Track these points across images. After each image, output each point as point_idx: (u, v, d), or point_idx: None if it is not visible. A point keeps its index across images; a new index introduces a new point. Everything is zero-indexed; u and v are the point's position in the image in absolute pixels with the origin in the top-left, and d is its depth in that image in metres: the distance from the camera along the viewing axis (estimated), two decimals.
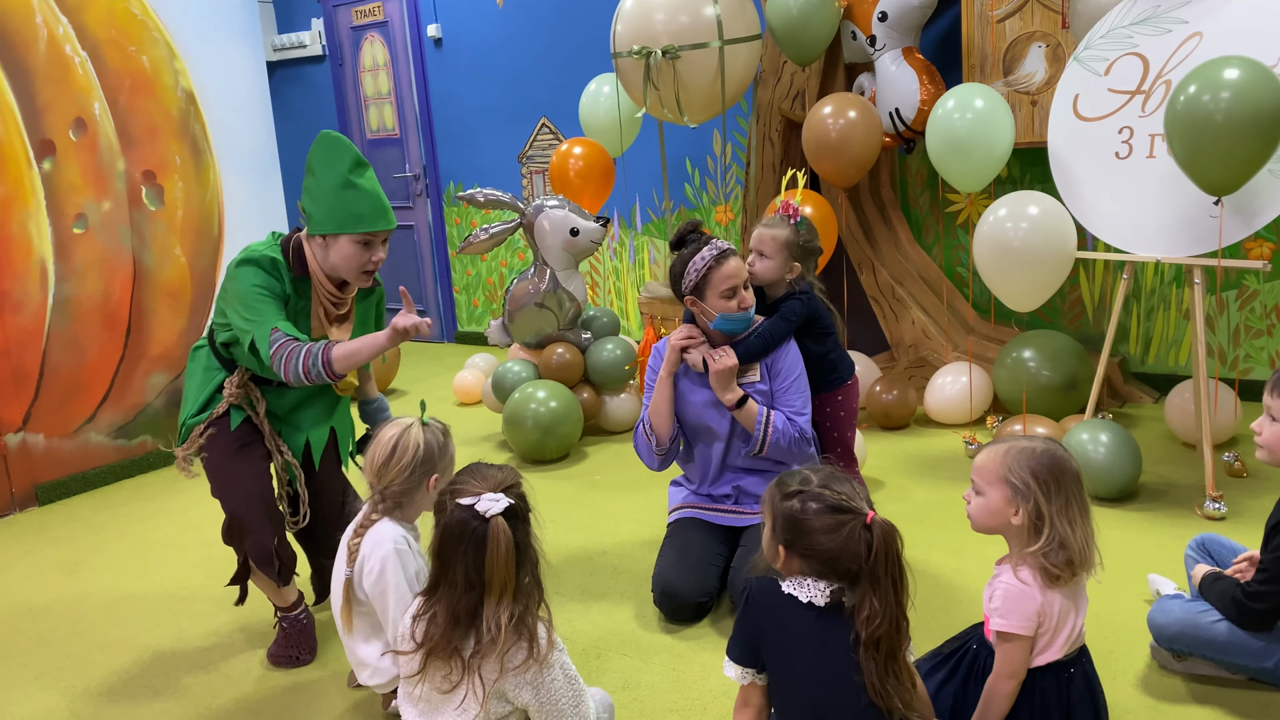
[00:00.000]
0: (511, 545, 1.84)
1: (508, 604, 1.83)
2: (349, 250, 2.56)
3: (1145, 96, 3.41)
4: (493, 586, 1.83)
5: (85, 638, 2.99)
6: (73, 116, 4.22)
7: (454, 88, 6.51)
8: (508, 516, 1.87)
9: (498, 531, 1.83)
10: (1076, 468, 1.87)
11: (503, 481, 1.93)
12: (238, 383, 2.69)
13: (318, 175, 2.55)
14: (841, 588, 1.73)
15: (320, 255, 2.59)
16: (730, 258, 2.68)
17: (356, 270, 2.59)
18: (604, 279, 6.16)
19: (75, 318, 4.26)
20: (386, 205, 2.61)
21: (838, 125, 4.04)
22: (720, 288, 2.67)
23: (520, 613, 1.84)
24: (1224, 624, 2.23)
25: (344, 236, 2.54)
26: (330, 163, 2.54)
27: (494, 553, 1.82)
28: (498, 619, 1.82)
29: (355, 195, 2.54)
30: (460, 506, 1.87)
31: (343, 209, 2.53)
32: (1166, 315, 4.46)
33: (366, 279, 2.64)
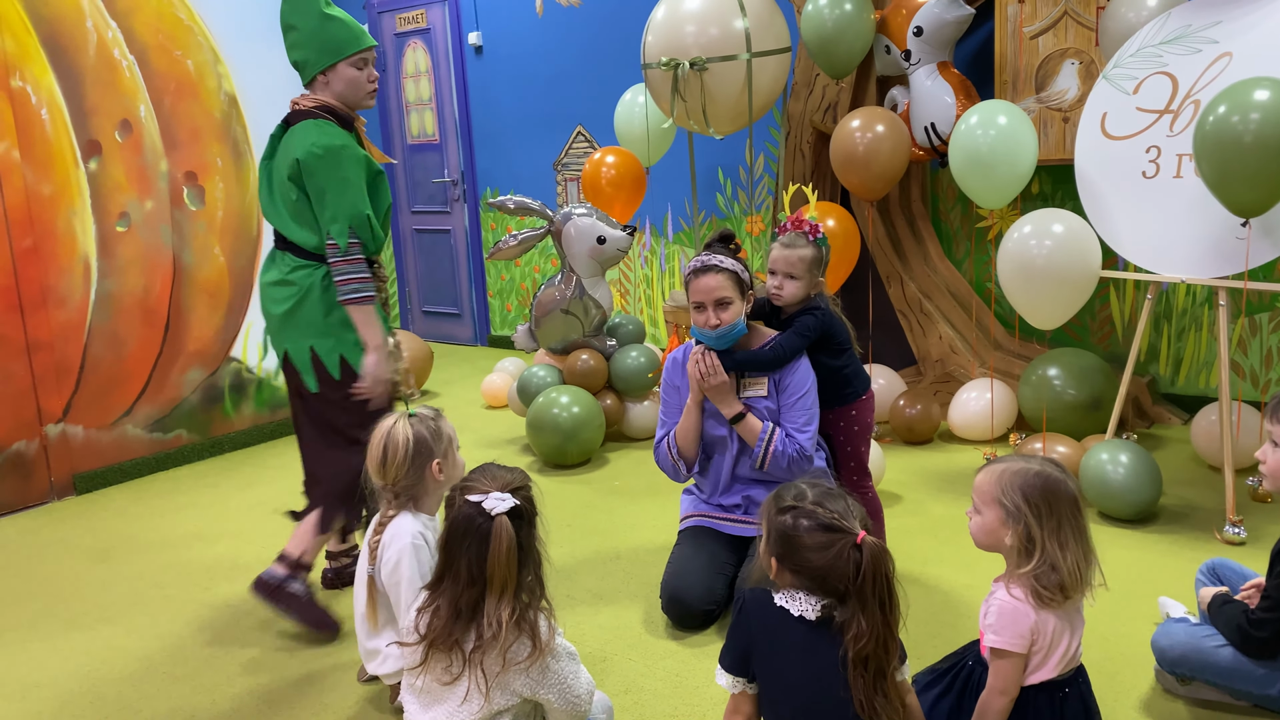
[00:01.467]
0: (514, 544, 1.88)
1: (509, 601, 1.88)
2: (350, 74, 2.81)
3: (1174, 116, 3.38)
4: (494, 583, 1.87)
5: (111, 624, 3.08)
6: (119, 118, 4.35)
7: (493, 95, 6.60)
8: (513, 516, 1.91)
9: (501, 529, 1.88)
10: (1073, 491, 1.87)
11: (511, 482, 1.98)
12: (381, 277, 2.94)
13: (298, 26, 2.79)
14: (832, 603, 1.75)
15: (329, 96, 2.81)
16: (706, 275, 2.68)
17: (364, 91, 2.84)
18: (634, 286, 6.20)
19: (116, 313, 4.39)
20: (360, 26, 2.86)
21: (865, 139, 4.05)
22: (692, 299, 2.72)
23: (521, 610, 1.89)
24: (1228, 649, 2.22)
25: (341, 63, 2.79)
26: (303, 10, 2.78)
27: (496, 550, 1.87)
28: (499, 615, 1.87)
29: (337, 24, 2.79)
30: (468, 503, 1.92)
31: (332, 39, 2.78)
32: (1198, 336, 4.41)
33: (372, 99, 2.88)
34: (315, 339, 2.83)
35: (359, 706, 2.53)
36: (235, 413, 4.87)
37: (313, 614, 2.87)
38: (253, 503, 4.11)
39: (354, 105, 2.85)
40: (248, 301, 4.86)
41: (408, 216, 7.30)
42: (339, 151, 2.72)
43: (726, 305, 2.71)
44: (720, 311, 2.71)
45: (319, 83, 2.83)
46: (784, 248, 2.83)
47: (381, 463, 2.37)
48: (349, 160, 2.73)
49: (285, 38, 2.83)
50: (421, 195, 7.15)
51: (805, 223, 2.83)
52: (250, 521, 3.90)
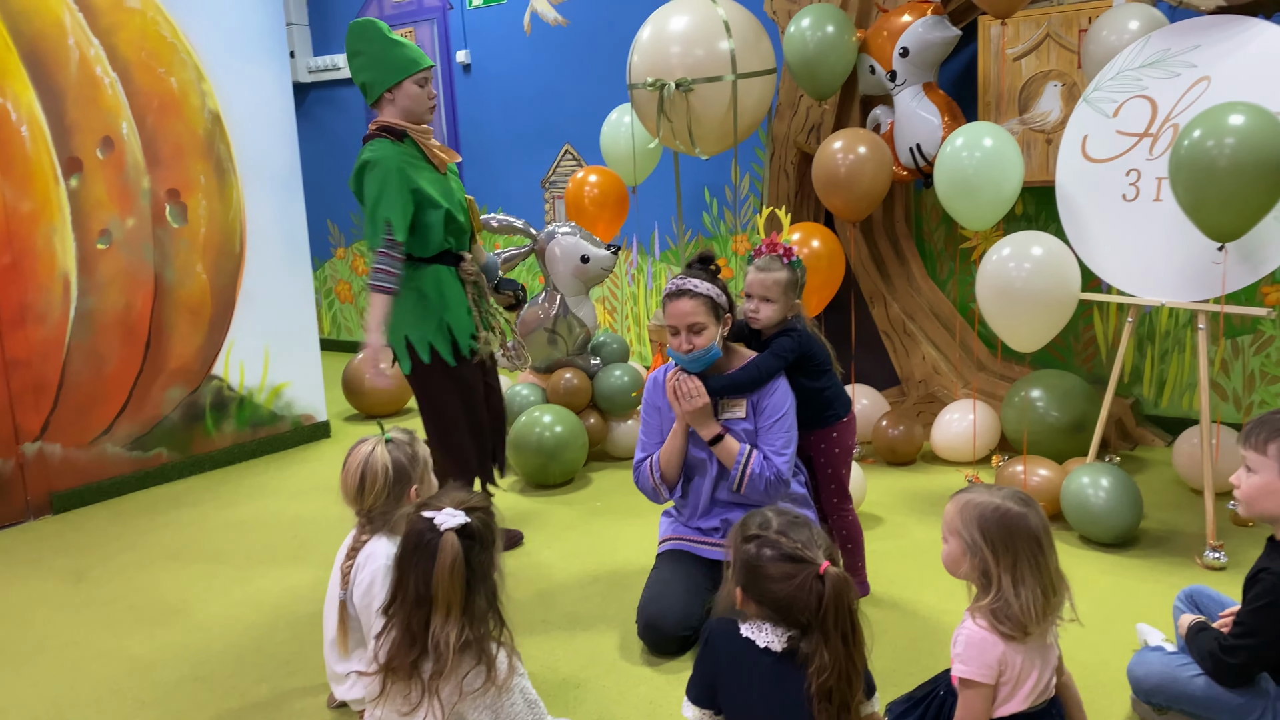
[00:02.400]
0: (461, 562, 1.85)
1: (455, 623, 1.85)
2: (413, 91, 3.19)
3: (1153, 139, 3.39)
4: (439, 601, 1.85)
5: (81, 646, 3.04)
6: (101, 135, 4.33)
7: (481, 113, 6.60)
8: (465, 536, 1.89)
9: (447, 544, 1.86)
10: (1034, 527, 1.84)
11: (466, 502, 1.96)
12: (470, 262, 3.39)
13: (365, 50, 3.18)
14: (797, 635, 1.73)
15: (394, 112, 3.20)
16: (681, 299, 2.68)
17: (425, 106, 3.22)
18: (621, 304, 6.19)
19: (96, 330, 4.36)
20: (420, 51, 3.24)
21: (847, 161, 4.05)
22: (667, 321, 2.72)
23: (471, 637, 1.86)
24: (1203, 678, 2.20)
25: (407, 81, 3.17)
26: (370, 36, 3.17)
27: (441, 564, 1.84)
28: (446, 636, 1.84)
29: (402, 47, 3.19)
30: (420, 519, 1.91)
31: (398, 59, 3.16)
32: (1181, 358, 4.41)
33: (431, 113, 3.27)
34: (408, 328, 3.30)
35: None
36: (216, 431, 4.84)
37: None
38: (232, 522, 4.08)
39: (417, 119, 3.24)
40: (230, 319, 4.84)
41: None
42: (370, 165, 3.13)
43: (700, 330, 2.70)
44: (693, 336, 2.70)
45: (385, 100, 3.21)
46: (759, 271, 2.83)
47: (359, 490, 2.35)
48: (376, 171, 3.12)
49: (351, 62, 3.23)
50: None
51: (780, 245, 2.82)
52: (228, 541, 3.86)
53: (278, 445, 5.08)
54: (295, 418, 5.16)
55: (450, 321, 3.31)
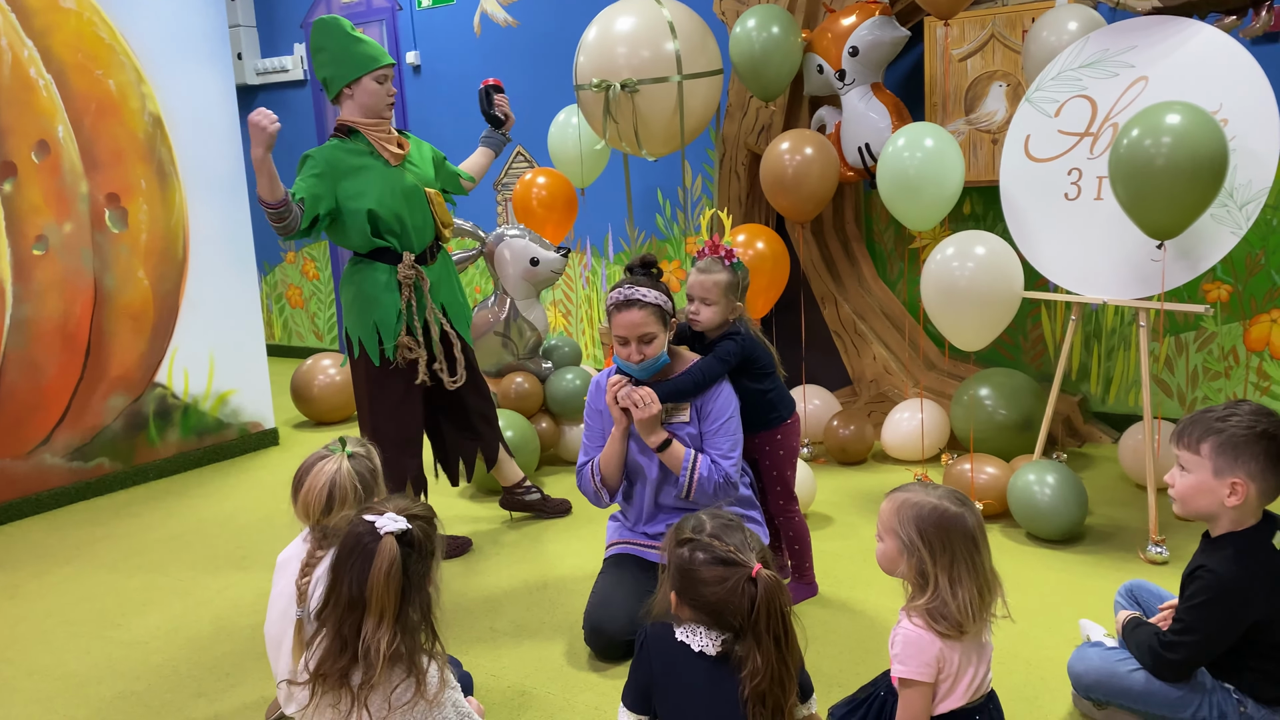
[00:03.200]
0: (397, 567, 1.82)
1: (387, 630, 1.81)
2: (372, 88, 3.22)
3: (1094, 139, 3.42)
4: (372, 605, 1.81)
5: (13, 664, 2.96)
6: (35, 139, 4.23)
7: (432, 114, 6.54)
8: (404, 543, 1.85)
9: (385, 548, 1.82)
10: (970, 526, 1.84)
11: (408, 509, 1.92)
12: (407, 264, 3.33)
13: (327, 47, 3.21)
14: (731, 639, 1.72)
15: (352, 108, 3.25)
16: (630, 310, 2.64)
17: (383, 103, 3.26)
18: (576, 307, 6.16)
19: (33, 339, 4.26)
20: (381, 48, 3.27)
21: (794, 161, 4.05)
22: (615, 332, 2.69)
23: (403, 648, 1.82)
24: (1141, 673, 2.21)
25: (365, 77, 3.20)
26: (332, 32, 3.21)
27: (377, 568, 1.81)
28: (376, 643, 1.80)
29: (362, 44, 3.23)
30: (361, 521, 1.88)
31: (358, 56, 3.20)
32: (1127, 355, 4.46)
33: (390, 110, 3.30)
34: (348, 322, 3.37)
35: None
36: (160, 440, 4.74)
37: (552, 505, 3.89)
38: (174, 534, 4.00)
39: (375, 114, 3.28)
40: (173, 326, 4.74)
41: None
42: (304, 157, 3.24)
43: (650, 340, 2.68)
44: (644, 346, 2.68)
45: (344, 96, 3.26)
46: (700, 273, 2.82)
47: (326, 509, 2.28)
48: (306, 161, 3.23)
49: (314, 59, 3.28)
50: None
51: (721, 247, 2.81)
52: (169, 553, 3.78)
53: (224, 453, 4.99)
54: (242, 425, 5.08)
55: (377, 322, 3.32)
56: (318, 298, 7.47)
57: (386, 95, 3.27)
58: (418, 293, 3.35)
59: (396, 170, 3.32)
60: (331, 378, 5.48)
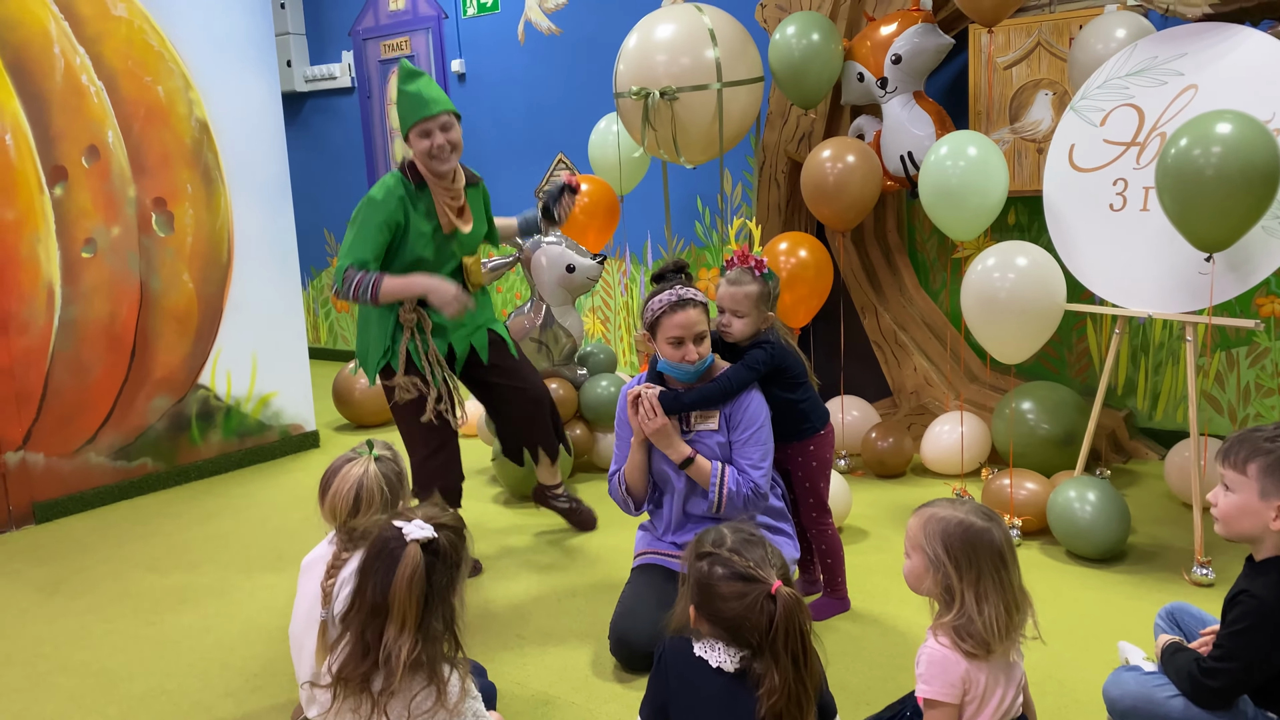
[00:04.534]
0: (421, 575, 1.81)
1: (408, 637, 1.81)
2: (416, 143, 3.16)
3: (1140, 148, 3.34)
4: (394, 611, 1.81)
5: (49, 659, 3.01)
6: (86, 144, 4.32)
7: (476, 122, 6.58)
8: (429, 551, 1.85)
9: (409, 555, 1.82)
10: (998, 542, 1.79)
11: (437, 518, 1.92)
12: (409, 308, 3.22)
13: (397, 93, 3.18)
14: (749, 655, 1.69)
15: (415, 153, 3.19)
16: (687, 309, 2.65)
17: (426, 155, 3.15)
18: (614, 314, 6.16)
19: (80, 339, 4.35)
20: (428, 98, 3.14)
21: (835, 170, 4.01)
22: (668, 334, 2.66)
23: (423, 656, 1.82)
24: (1180, 700, 2.14)
25: (410, 133, 3.15)
26: (399, 79, 3.18)
27: (400, 574, 1.81)
28: (398, 650, 1.80)
29: (404, 99, 3.16)
30: (390, 526, 1.88)
31: (402, 113, 3.16)
32: (1175, 370, 4.35)
33: (439, 163, 3.16)
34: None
35: None
36: (202, 441, 4.81)
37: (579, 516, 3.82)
38: (212, 534, 4.05)
39: (426, 168, 3.19)
40: (217, 328, 4.82)
41: None
42: (368, 199, 3.16)
43: (703, 338, 2.69)
44: (699, 345, 2.67)
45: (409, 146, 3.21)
46: (730, 285, 2.79)
47: (353, 511, 2.29)
48: (367, 209, 3.15)
49: None
50: None
51: (751, 258, 2.78)
52: (207, 553, 3.83)
53: (265, 455, 5.05)
54: (283, 427, 5.13)
55: (369, 348, 3.33)
56: None
57: (430, 150, 3.14)
58: (420, 334, 3.27)
59: (446, 238, 3.28)
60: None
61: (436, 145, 3.13)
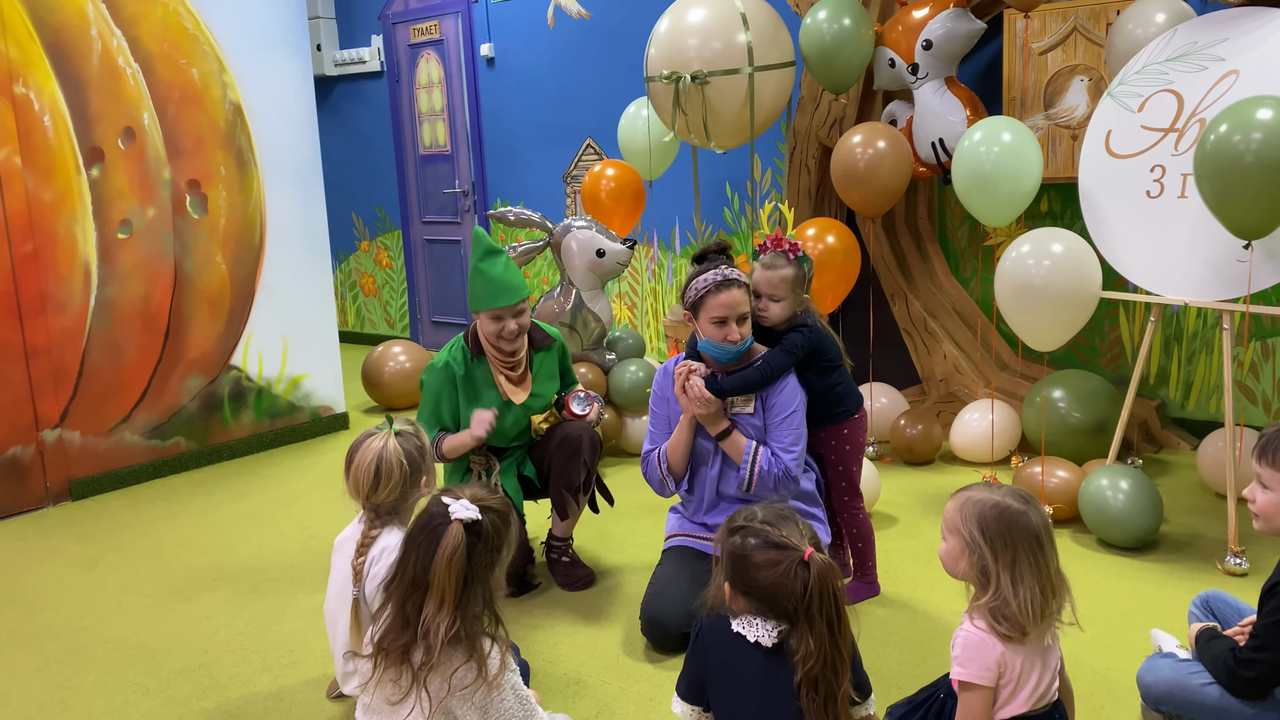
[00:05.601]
0: (462, 554, 1.85)
1: (447, 614, 1.84)
2: (485, 324, 3.07)
3: (1179, 135, 3.31)
4: (434, 588, 1.84)
5: (90, 632, 3.06)
6: (122, 126, 4.37)
7: (504, 106, 6.60)
8: (472, 531, 1.88)
9: (451, 533, 1.86)
10: (1034, 525, 1.79)
11: (485, 500, 1.94)
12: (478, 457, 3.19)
13: (471, 264, 3.09)
14: (787, 629, 1.70)
15: (481, 329, 3.11)
16: (731, 288, 2.66)
17: (494, 338, 3.07)
18: (641, 300, 6.16)
19: (116, 320, 4.40)
20: (505, 286, 3.03)
21: (866, 155, 3.99)
22: (712, 314, 2.66)
23: (462, 631, 1.84)
24: (1215, 688, 2.13)
25: (482, 313, 3.06)
26: (474, 250, 3.06)
27: (442, 552, 1.85)
28: (436, 626, 1.83)
29: (480, 280, 3.03)
30: (437, 502, 1.93)
31: (475, 291, 3.05)
32: (1209, 360, 4.31)
33: (507, 344, 3.08)
34: None
35: None
36: (234, 421, 4.87)
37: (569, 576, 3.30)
38: (244, 513, 4.10)
39: (492, 346, 3.11)
40: (249, 310, 4.86)
41: (419, 227, 7.30)
42: (426, 374, 3.12)
43: (746, 319, 2.70)
44: (741, 326, 2.69)
45: (478, 318, 3.11)
46: (764, 269, 2.79)
47: (374, 485, 2.33)
48: (426, 377, 3.12)
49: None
50: (433, 206, 7.15)
51: (785, 241, 2.78)
52: (240, 531, 3.88)
53: (296, 436, 5.10)
54: (313, 409, 5.18)
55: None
56: (390, 286, 7.59)
57: (499, 334, 3.05)
58: (487, 475, 3.20)
59: (504, 403, 3.15)
60: (402, 364, 5.56)
61: (508, 331, 3.04)
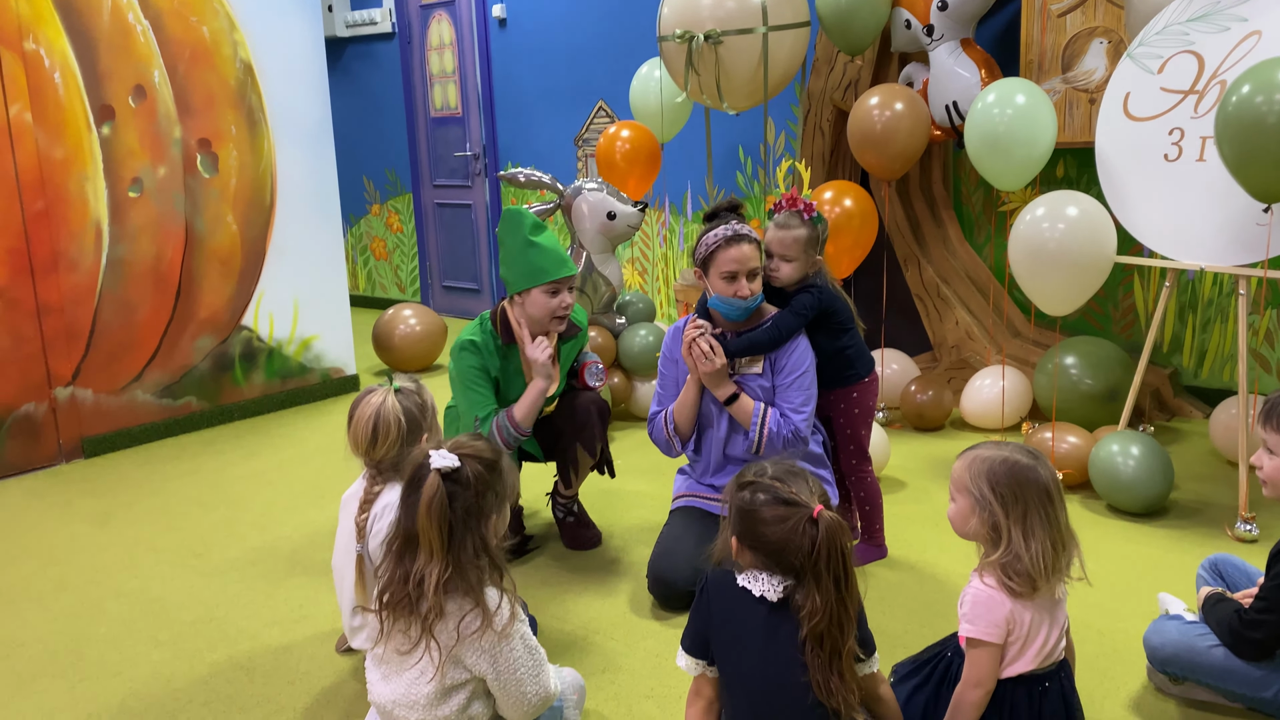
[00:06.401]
0: (440, 501, 1.84)
1: (436, 563, 1.84)
2: (540, 300, 2.90)
3: (1199, 97, 3.26)
4: (422, 539, 1.85)
5: (101, 586, 3.09)
6: (133, 83, 4.35)
7: (515, 68, 6.55)
8: (452, 480, 1.87)
9: (428, 484, 1.85)
10: (1043, 479, 1.79)
11: (464, 447, 1.94)
12: None
13: (506, 244, 2.95)
14: (793, 585, 1.70)
15: (519, 314, 2.96)
16: (741, 243, 2.64)
17: (549, 316, 2.93)
18: (652, 265, 6.14)
19: (127, 279, 4.41)
20: (565, 256, 2.93)
21: (883, 117, 3.95)
22: (722, 269, 2.66)
23: (457, 579, 1.85)
24: (1221, 649, 2.14)
25: (535, 289, 2.90)
26: (513, 231, 2.91)
27: (421, 503, 1.85)
28: (429, 574, 1.83)
29: (537, 252, 2.89)
30: (423, 453, 1.92)
31: (529, 265, 2.89)
32: (1223, 328, 4.28)
33: (559, 324, 2.96)
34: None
35: (335, 676, 2.52)
36: (245, 381, 4.88)
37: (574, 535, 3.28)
38: (255, 472, 4.12)
39: (538, 329, 2.96)
40: (260, 271, 4.86)
41: (429, 190, 7.28)
42: (459, 351, 2.97)
43: (756, 275, 2.69)
44: (751, 281, 2.68)
45: (515, 300, 2.97)
46: (778, 229, 2.77)
47: (371, 442, 2.34)
48: (455, 361, 2.97)
49: (499, 251, 3.02)
50: (443, 169, 7.12)
51: (800, 201, 2.76)
52: (250, 490, 3.90)
53: (306, 397, 5.12)
54: (324, 370, 5.19)
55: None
56: (401, 250, 7.58)
57: (557, 309, 2.91)
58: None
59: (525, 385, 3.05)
60: (412, 327, 5.56)
61: (565, 305, 2.92)
